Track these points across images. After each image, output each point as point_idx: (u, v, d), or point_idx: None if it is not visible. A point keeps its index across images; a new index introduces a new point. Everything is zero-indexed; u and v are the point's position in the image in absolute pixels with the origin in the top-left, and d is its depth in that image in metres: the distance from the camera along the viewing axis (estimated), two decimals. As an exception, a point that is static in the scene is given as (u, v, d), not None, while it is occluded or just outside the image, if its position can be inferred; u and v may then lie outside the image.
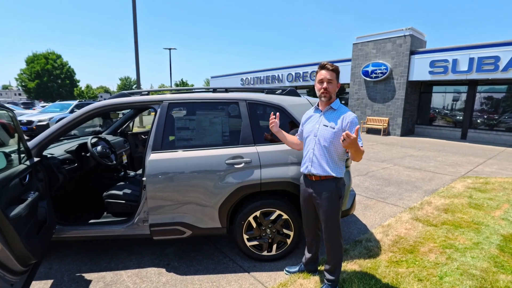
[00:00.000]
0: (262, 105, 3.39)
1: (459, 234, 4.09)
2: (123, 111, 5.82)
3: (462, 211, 4.95)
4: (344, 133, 2.32)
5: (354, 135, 2.31)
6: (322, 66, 2.64)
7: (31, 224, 2.59)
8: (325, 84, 2.61)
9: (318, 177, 2.69)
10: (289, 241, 3.37)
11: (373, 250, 3.64)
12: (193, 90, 3.80)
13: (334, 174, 2.64)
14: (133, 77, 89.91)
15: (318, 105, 2.80)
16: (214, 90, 3.59)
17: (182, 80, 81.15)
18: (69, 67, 62.26)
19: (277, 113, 2.94)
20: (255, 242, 3.33)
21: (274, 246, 3.37)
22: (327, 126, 2.63)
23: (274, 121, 2.90)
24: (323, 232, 2.78)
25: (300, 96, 3.54)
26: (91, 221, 3.43)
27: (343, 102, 19.71)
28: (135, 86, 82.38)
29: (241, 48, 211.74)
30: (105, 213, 3.73)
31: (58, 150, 3.70)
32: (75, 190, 4.08)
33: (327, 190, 2.66)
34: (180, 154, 3.14)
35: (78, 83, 66.39)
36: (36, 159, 2.98)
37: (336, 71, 2.62)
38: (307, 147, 2.76)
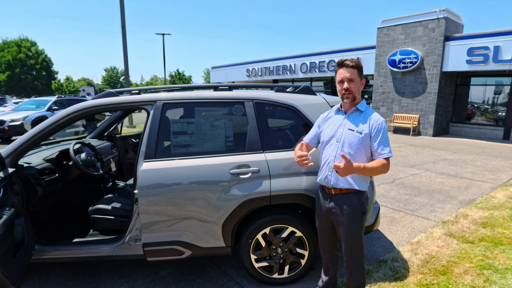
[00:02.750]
0: (272, 105, 3.43)
1: (499, 252, 4.10)
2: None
3: (503, 225, 4.96)
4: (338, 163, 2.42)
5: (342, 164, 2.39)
6: (341, 64, 2.64)
7: (7, 245, 2.62)
8: (345, 85, 2.61)
9: (339, 190, 2.70)
10: (303, 262, 3.41)
11: (400, 272, 3.67)
12: (191, 88, 3.84)
13: (357, 187, 2.65)
14: (121, 67, 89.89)
15: (341, 106, 2.80)
16: (216, 88, 3.62)
17: (177, 70, 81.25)
18: (46, 56, 62.75)
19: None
20: (265, 263, 3.37)
21: (286, 268, 3.41)
22: (353, 131, 2.63)
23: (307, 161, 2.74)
24: (343, 253, 2.80)
25: (315, 94, 3.58)
26: (75, 240, 3.49)
27: (366, 96, 19.72)
28: (123, 77, 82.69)
29: (247, 33, 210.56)
30: (91, 230, 3.77)
31: (35, 159, 3.73)
32: (57, 205, 4.14)
33: (349, 205, 2.67)
34: (177, 162, 3.18)
35: (56, 75, 66.86)
36: (10, 170, 3.01)
37: (357, 67, 2.61)
38: (327, 154, 2.74)
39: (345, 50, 20.16)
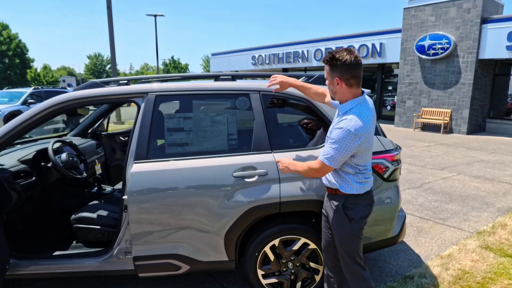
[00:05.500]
0: (281, 97, 3.43)
1: (545, 268, 4.09)
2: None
3: (549, 237, 4.94)
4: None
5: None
6: None
7: None
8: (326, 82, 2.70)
9: (329, 189, 2.79)
10: (317, 278, 3.41)
11: (429, 290, 3.68)
12: (189, 78, 3.85)
13: (338, 187, 2.67)
14: (106, 54, 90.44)
15: None
16: (217, 78, 3.60)
17: (172, 58, 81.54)
18: (20, 41, 63.09)
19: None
20: (273, 280, 3.38)
21: (298, 285, 3.42)
22: (328, 136, 2.70)
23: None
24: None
25: (331, 85, 3.57)
26: (56, 253, 3.50)
27: (390, 88, 19.59)
28: (109, 66, 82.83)
29: (252, 15, 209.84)
30: (74, 242, 3.78)
31: (9, 160, 3.72)
32: (34, 213, 4.15)
33: (333, 207, 2.73)
34: (172, 164, 3.19)
35: (32, 63, 67.31)
36: None
37: (327, 62, 2.56)
38: None
39: (365, 34, 20.09)
